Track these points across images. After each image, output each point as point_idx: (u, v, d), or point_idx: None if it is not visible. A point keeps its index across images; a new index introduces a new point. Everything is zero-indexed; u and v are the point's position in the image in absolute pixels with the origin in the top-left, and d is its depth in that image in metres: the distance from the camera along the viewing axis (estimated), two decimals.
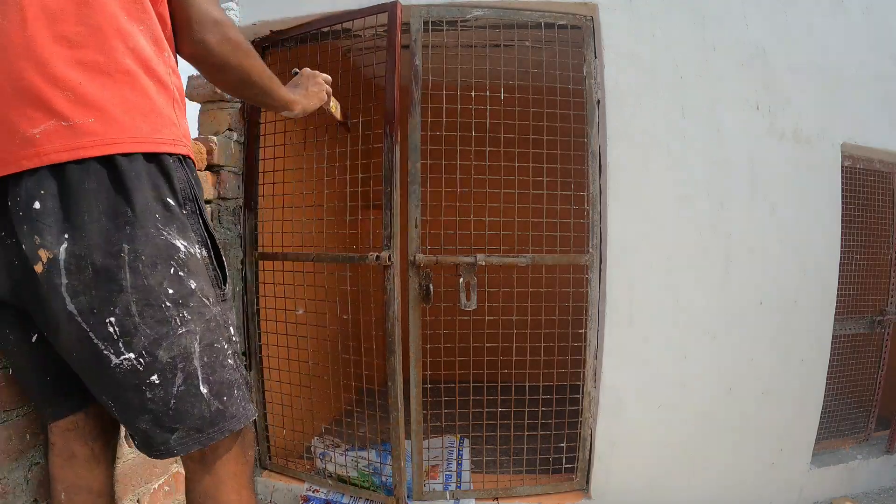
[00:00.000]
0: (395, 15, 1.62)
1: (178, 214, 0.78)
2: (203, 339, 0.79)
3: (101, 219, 0.72)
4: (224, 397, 0.81)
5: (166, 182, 0.78)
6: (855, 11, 1.97)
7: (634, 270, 1.75)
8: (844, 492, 2.07)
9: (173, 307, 0.76)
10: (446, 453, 2.03)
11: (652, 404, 1.81)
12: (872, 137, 1.98)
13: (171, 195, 0.78)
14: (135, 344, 0.74)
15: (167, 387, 0.76)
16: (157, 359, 0.75)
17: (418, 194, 1.71)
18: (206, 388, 0.79)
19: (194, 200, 0.82)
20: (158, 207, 0.76)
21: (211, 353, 0.80)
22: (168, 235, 0.76)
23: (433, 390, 1.78)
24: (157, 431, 0.78)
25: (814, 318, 1.91)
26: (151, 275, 0.74)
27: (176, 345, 0.76)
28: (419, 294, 1.71)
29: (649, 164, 1.75)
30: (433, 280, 1.72)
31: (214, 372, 0.80)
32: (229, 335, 0.84)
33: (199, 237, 0.82)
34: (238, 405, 0.83)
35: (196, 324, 0.78)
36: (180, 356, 0.76)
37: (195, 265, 0.80)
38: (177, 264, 0.77)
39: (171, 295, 0.76)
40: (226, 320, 0.84)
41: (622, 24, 1.73)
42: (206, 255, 0.83)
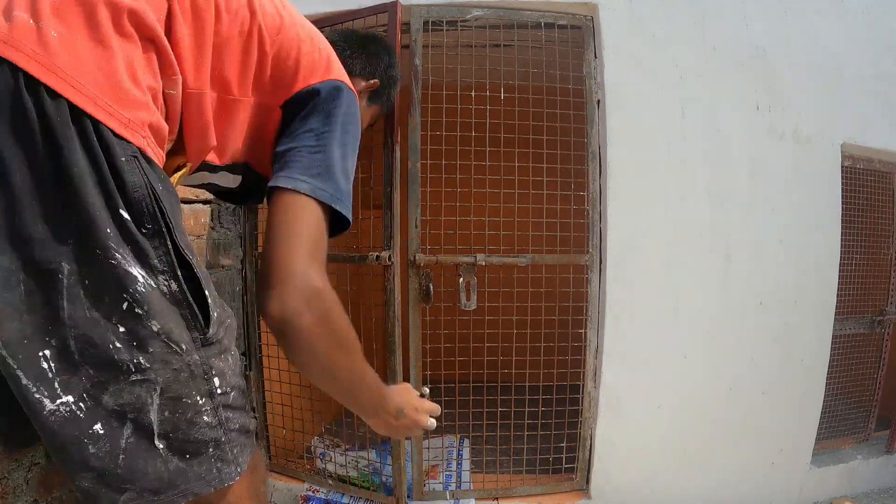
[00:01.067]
0: (395, 15, 1.63)
1: (133, 233, 0.59)
2: (166, 392, 0.62)
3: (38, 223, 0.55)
4: (187, 455, 0.64)
5: (116, 184, 0.58)
6: (855, 11, 1.97)
7: (634, 270, 1.75)
8: (844, 492, 2.07)
9: (125, 350, 0.59)
10: (446, 453, 2.03)
11: (652, 404, 1.81)
12: (872, 137, 1.98)
13: (125, 206, 0.58)
14: (73, 385, 0.58)
15: (114, 438, 0.60)
16: (102, 404, 0.59)
17: (418, 194, 1.71)
18: (162, 444, 0.62)
19: (156, 216, 0.61)
20: (107, 219, 0.57)
21: (176, 407, 0.63)
22: (122, 259, 0.58)
23: (433, 390, 1.76)
24: (101, 491, 0.62)
25: (814, 318, 1.91)
26: (99, 307, 0.58)
27: (126, 392, 0.60)
28: (419, 294, 1.71)
29: (649, 164, 1.75)
30: (433, 280, 1.72)
31: (178, 429, 0.63)
32: (209, 389, 0.66)
33: (167, 266, 0.62)
34: (210, 466, 0.66)
35: (157, 373, 0.61)
36: (131, 405, 0.60)
37: (157, 303, 0.61)
38: (132, 298, 0.59)
39: (122, 335, 0.59)
40: (206, 370, 0.66)
41: (622, 24, 1.73)
42: (178, 290, 0.63)
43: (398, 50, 1.63)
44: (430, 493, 1.79)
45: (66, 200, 0.56)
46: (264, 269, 0.74)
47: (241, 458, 0.70)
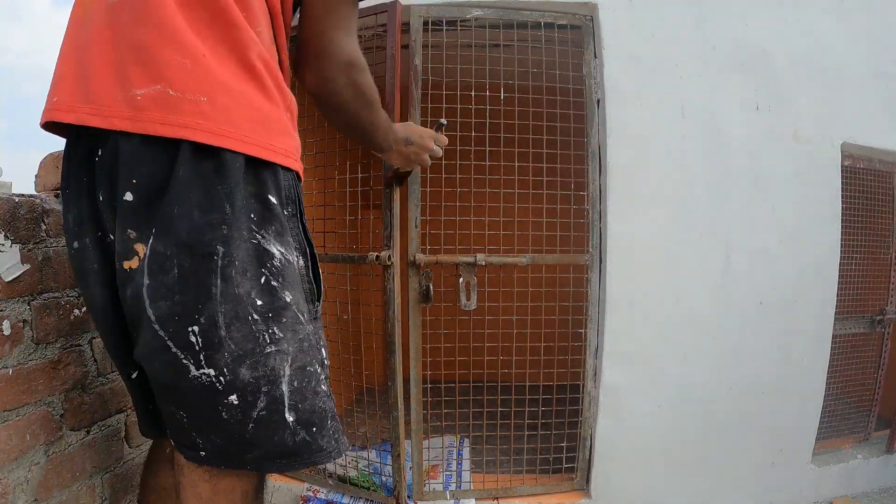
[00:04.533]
0: (395, 15, 1.62)
1: (278, 214, 0.68)
2: (295, 361, 0.69)
3: (194, 213, 0.63)
4: (314, 428, 0.71)
5: (271, 179, 0.69)
6: (855, 11, 1.97)
7: (634, 270, 1.75)
8: (844, 492, 2.07)
9: (262, 322, 0.66)
10: (446, 453, 2.04)
11: (652, 404, 1.81)
12: (872, 137, 1.98)
13: (274, 192, 0.68)
14: (216, 360, 0.65)
15: (247, 409, 0.66)
16: (239, 377, 0.65)
17: (418, 194, 1.71)
18: (292, 416, 0.69)
19: (296, 203, 0.73)
20: (256, 205, 0.67)
21: (303, 377, 0.70)
22: (262, 239, 0.66)
23: (433, 390, 1.78)
24: (229, 450, 0.69)
25: (814, 318, 1.91)
26: (241, 283, 0.65)
27: (261, 364, 0.66)
28: (419, 294, 1.71)
29: (649, 164, 1.75)
30: (433, 280, 1.72)
31: (305, 399, 0.70)
32: (322, 358, 0.74)
33: (298, 244, 0.73)
34: (330, 437, 0.73)
35: (289, 343, 0.68)
36: (265, 378, 0.66)
37: (292, 275, 0.70)
38: (269, 273, 0.67)
39: (259, 308, 0.66)
40: (318, 340, 0.74)
41: (622, 23, 1.73)
42: (303, 266, 0.73)
43: (398, 50, 1.63)
44: (430, 493, 1.79)
45: (224, 193, 0.64)
46: (304, 42, 0.80)
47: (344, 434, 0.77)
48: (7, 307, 0.91)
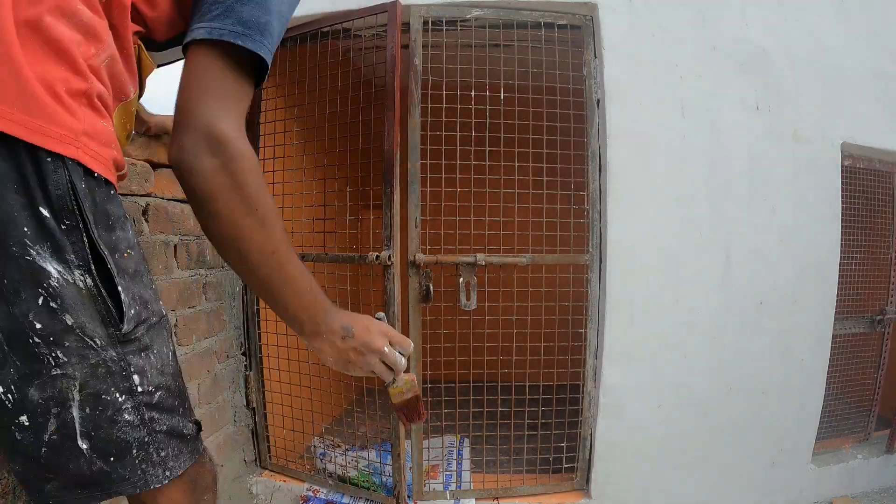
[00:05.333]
0: (395, 15, 1.62)
1: (52, 229, 0.60)
2: (85, 388, 0.63)
3: None
4: (111, 458, 0.65)
5: (38, 183, 0.59)
6: (855, 11, 1.97)
7: (634, 270, 1.75)
8: (844, 492, 2.07)
9: (43, 344, 0.61)
10: (446, 453, 2.04)
11: (652, 404, 1.81)
12: (872, 137, 1.98)
13: (45, 203, 0.59)
14: (3, 376, 0.61)
15: (38, 432, 0.62)
16: (28, 397, 0.61)
17: (418, 194, 1.71)
18: (85, 444, 0.64)
19: (76, 213, 0.61)
20: (27, 219, 0.59)
21: (96, 404, 0.64)
22: (37, 255, 0.59)
23: (433, 390, 1.77)
24: (30, 477, 0.65)
25: (814, 318, 1.91)
26: (17, 303, 0.59)
27: (49, 386, 0.61)
28: (419, 294, 1.71)
29: (649, 164, 1.75)
30: (433, 280, 1.72)
31: (100, 427, 0.64)
32: (129, 386, 0.66)
33: (82, 261, 0.62)
34: (136, 467, 0.67)
35: (75, 368, 0.62)
36: (53, 399, 0.62)
37: (73, 297, 0.62)
38: (47, 293, 0.60)
39: (38, 330, 0.60)
40: (125, 367, 0.66)
41: (622, 24, 1.73)
42: (93, 285, 0.63)
43: (398, 50, 1.63)
44: (430, 493, 1.79)
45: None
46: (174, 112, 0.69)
47: (172, 463, 0.70)
48: None
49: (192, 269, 1.55)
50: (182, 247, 1.50)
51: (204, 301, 1.62)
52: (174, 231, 1.47)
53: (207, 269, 1.64)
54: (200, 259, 1.60)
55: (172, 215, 1.46)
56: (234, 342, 1.83)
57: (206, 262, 1.64)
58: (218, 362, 1.71)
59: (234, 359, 1.83)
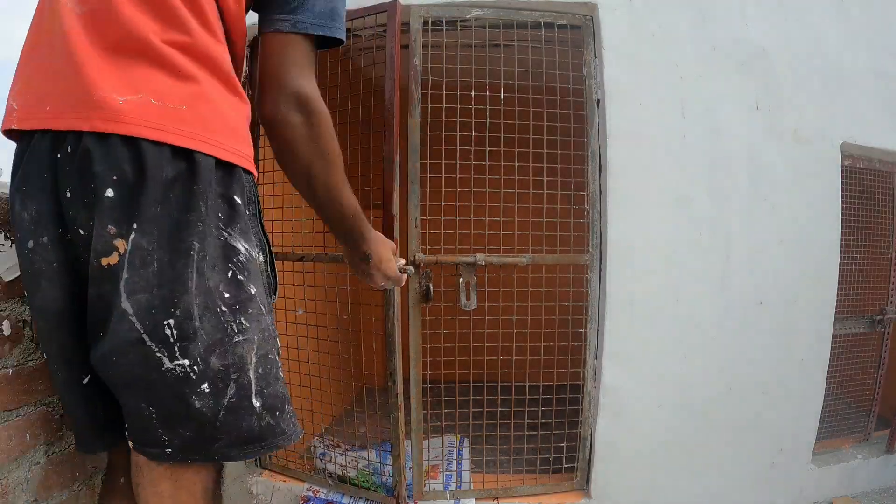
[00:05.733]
0: (395, 15, 1.63)
1: (242, 214, 0.74)
2: (259, 349, 0.74)
3: (174, 213, 0.68)
4: (276, 412, 0.76)
5: (236, 181, 0.74)
6: (855, 11, 1.97)
7: (634, 270, 1.75)
8: (844, 492, 2.07)
9: (229, 313, 0.71)
10: (446, 453, 2.04)
11: (652, 404, 1.81)
12: (872, 137, 1.98)
13: (239, 194, 0.74)
14: (190, 350, 0.68)
15: (218, 396, 0.71)
16: (210, 366, 0.70)
17: (418, 194, 1.71)
18: (258, 402, 0.73)
19: (256, 204, 0.79)
20: (223, 206, 0.72)
21: (266, 364, 0.75)
22: (229, 236, 0.72)
23: (433, 390, 1.77)
24: (198, 441, 0.72)
25: (813, 318, 1.91)
26: (211, 277, 0.70)
27: (231, 353, 0.71)
28: (419, 294, 1.71)
29: (649, 164, 1.75)
30: (433, 280, 1.72)
31: (269, 385, 0.75)
32: (278, 347, 0.80)
33: (259, 241, 0.78)
34: (289, 421, 0.78)
35: (254, 332, 0.73)
36: (234, 365, 0.71)
37: (255, 270, 0.75)
38: (236, 267, 0.72)
39: (226, 300, 0.71)
40: (274, 331, 0.79)
41: (622, 23, 1.73)
42: (263, 261, 0.79)
43: (397, 50, 1.63)
44: (430, 493, 1.79)
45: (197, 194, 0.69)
46: (261, 77, 0.82)
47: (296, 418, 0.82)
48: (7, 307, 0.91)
49: None
50: None
51: None
52: None
53: None
54: None
55: None
56: None
57: None
58: None
59: None
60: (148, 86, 0.68)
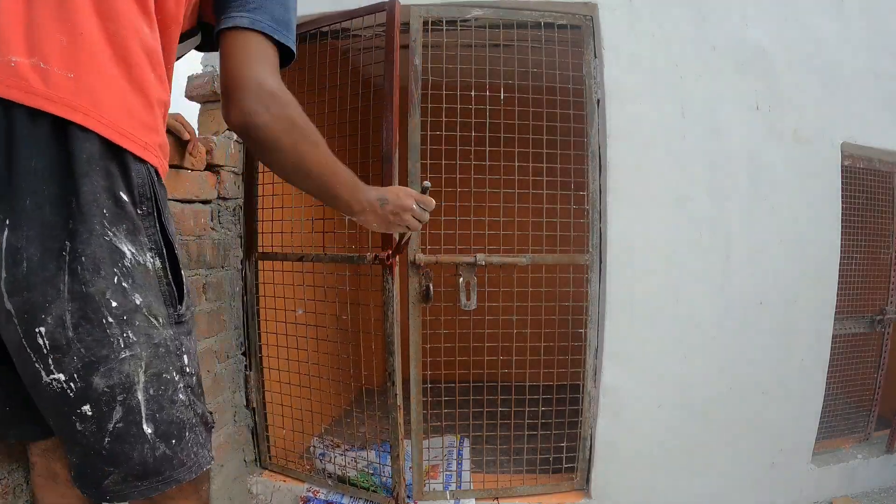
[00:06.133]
0: (394, 14, 1.62)
1: (129, 212, 0.65)
2: (150, 367, 0.66)
3: (45, 206, 0.60)
4: (173, 440, 0.68)
5: (121, 173, 0.65)
6: (855, 11, 1.96)
7: (634, 270, 1.75)
8: (844, 492, 2.07)
9: (116, 324, 0.63)
10: (446, 453, 2.04)
11: (652, 404, 1.81)
12: (872, 137, 1.98)
13: (125, 189, 0.65)
14: (66, 364, 0.61)
15: (102, 421, 0.63)
16: (92, 386, 0.62)
17: None
18: (150, 428, 0.66)
19: (153, 199, 0.69)
20: (107, 201, 0.63)
21: (159, 384, 0.67)
22: (113, 236, 0.63)
23: (433, 390, 1.77)
24: (87, 471, 0.66)
25: (814, 318, 1.91)
26: (93, 281, 0.61)
27: (116, 371, 0.63)
28: (419, 294, 1.71)
29: (649, 164, 1.75)
30: (433, 280, 1.72)
31: (162, 409, 0.67)
32: (181, 365, 0.71)
33: (153, 244, 0.69)
34: (190, 450, 0.70)
35: (142, 347, 0.65)
36: (120, 386, 0.63)
37: (142, 277, 0.66)
38: (120, 273, 0.64)
39: (114, 309, 0.63)
40: (178, 346, 0.70)
41: (622, 23, 1.73)
42: (160, 267, 0.69)
43: (397, 50, 1.63)
44: (430, 493, 1.79)
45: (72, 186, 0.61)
46: (223, 79, 0.79)
47: (210, 446, 0.73)
48: None
49: (192, 269, 1.55)
50: (182, 247, 1.50)
51: (204, 301, 1.62)
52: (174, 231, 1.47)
53: (207, 269, 1.64)
54: (200, 259, 1.60)
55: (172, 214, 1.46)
56: (234, 342, 1.83)
57: (206, 262, 1.64)
58: (218, 362, 1.71)
59: (233, 359, 1.83)
60: (44, 46, 0.61)
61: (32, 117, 0.60)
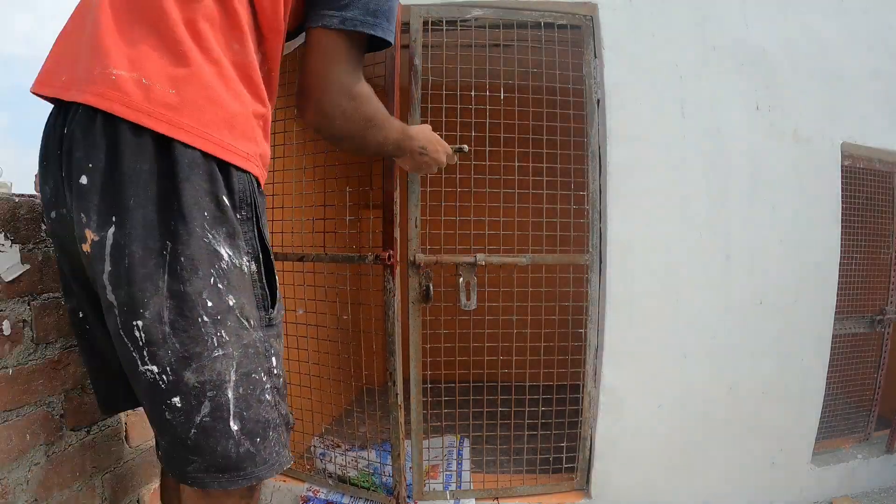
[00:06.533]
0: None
1: (230, 216, 0.68)
2: (240, 367, 0.68)
3: (148, 206, 0.63)
4: (257, 438, 0.70)
5: (223, 178, 0.68)
6: (855, 11, 1.96)
7: (634, 270, 1.75)
8: (844, 492, 2.07)
9: (211, 324, 0.65)
10: (446, 453, 2.04)
11: (652, 404, 1.81)
12: (872, 137, 1.98)
13: (227, 193, 0.68)
14: (160, 357, 0.64)
15: (190, 413, 0.66)
16: (183, 380, 0.65)
17: (418, 194, 1.71)
18: (237, 425, 0.68)
19: (252, 206, 0.71)
20: (209, 204, 0.66)
21: (248, 384, 0.69)
22: (213, 239, 0.66)
23: (433, 390, 1.77)
24: (173, 455, 0.69)
25: (814, 318, 1.91)
26: (190, 281, 0.64)
27: (208, 368, 0.66)
28: (419, 294, 1.71)
29: (649, 164, 1.75)
30: (433, 280, 1.72)
31: (250, 407, 0.69)
32: (269, 366, 0.73)
33: (251, 248, 0.71)
34: (272, 449, 0.72)
35: (233, 347, 0.67)
36: (211, 383, 0.66)
37: (238, 279, 0.68)
38: (216, 274, 0.66)
39: (209, 309, 0.65)
40: (267, 348, 0.73)
41: (622, 24, 1.73)
42: (256, 271, 0.72)
43: (397, 50, 1.63)
44: (430, 493, 1.79)
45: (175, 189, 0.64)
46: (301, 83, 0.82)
47: (288, 447, 0.76)
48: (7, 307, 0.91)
49: None
50: None
51: None
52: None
53: None
54: None
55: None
56: None
57: None
58: None
59: None
60: (145, 63, 0.64)
61: (136, 129, 0.63)
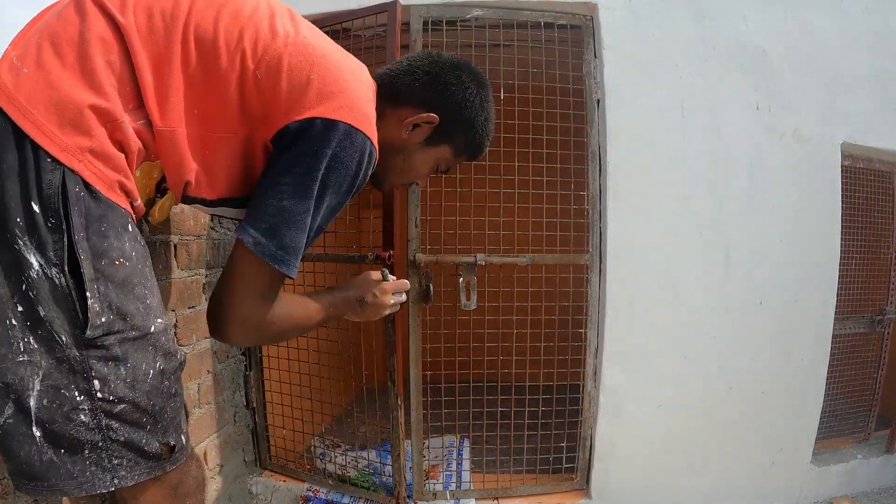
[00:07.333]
0: (395, 15, 1.62)
1: (39, 224, 0.64)
2: (47, 379, 0.66)
3: None
4: (62, 450, 0.67)
5: (35, 179, 0.64)
6: (855, 11, 1.96)
7: (634, 270, 1.75)
8: (844, 491, 2.07)
9: (19, 328, 0.64)
10: (446, 453, 2.04)
11: (652, 404, 1.81)
12: (872, 137, 1.98)
13: (36, 198, 0.64)
14: None
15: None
16: None
17: (418, 194, 1.71)
18: (39, 431, 0.66)
19: (62, 214, 0.65)
20: (20, 210, 0.64)
21: (55, 398, 0.66)
22: (23, 245, 0.64)
23: (433, 390, 1.77)
24: None
25: (814, 318, 1.91)
26: (4, 284, 0.64)
27: (11, 371, 0.65)
28: (419, 294, 1.71)
29: (649, 164, 1.75)
30: (433, 280, 1.72)
31: (55, 421, 0.66)
32: (89, 388, 0.67)
33: (59, 261, 0.65)
34: (86, 468, 0.68)
35: (41, 356, 0.65)
36: (14, 386, 0.65)
37: (46, 292, 0.65)
38: (27, 282, 0.64)
39: (19, 313, 0.64)
40: (87, 370, 0.67)
41: (622, 23, 1.73)
42: (65, 285, 0.66)
43: (397, 50, 1.63)
44: (430, 493, 1.79)
45: None
46: (213, 304, 0.82)
47: (123, 473, 0.71)
48: None
49: (192, 269, 1.55)
50: (182, 247, 1.50)
51: (204, 301, 1.62)
52: (174, 231, 1.47)
53: (207, 269, 1.64)
54: (200, 259, 1.60)
55: (172, 215, 1.46)
56: None
57: (206, 262, 1.64)
58: (218, 362, 1.71)
59: (234, 359, 1.83)
60: None
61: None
